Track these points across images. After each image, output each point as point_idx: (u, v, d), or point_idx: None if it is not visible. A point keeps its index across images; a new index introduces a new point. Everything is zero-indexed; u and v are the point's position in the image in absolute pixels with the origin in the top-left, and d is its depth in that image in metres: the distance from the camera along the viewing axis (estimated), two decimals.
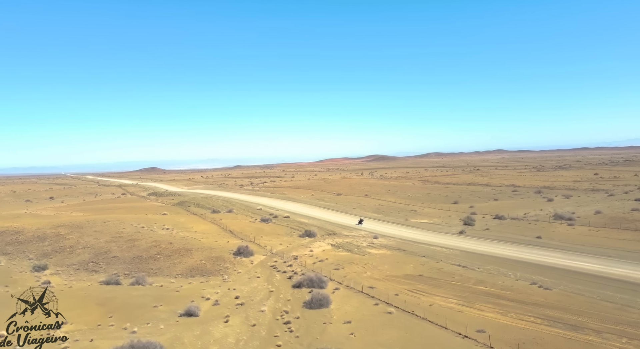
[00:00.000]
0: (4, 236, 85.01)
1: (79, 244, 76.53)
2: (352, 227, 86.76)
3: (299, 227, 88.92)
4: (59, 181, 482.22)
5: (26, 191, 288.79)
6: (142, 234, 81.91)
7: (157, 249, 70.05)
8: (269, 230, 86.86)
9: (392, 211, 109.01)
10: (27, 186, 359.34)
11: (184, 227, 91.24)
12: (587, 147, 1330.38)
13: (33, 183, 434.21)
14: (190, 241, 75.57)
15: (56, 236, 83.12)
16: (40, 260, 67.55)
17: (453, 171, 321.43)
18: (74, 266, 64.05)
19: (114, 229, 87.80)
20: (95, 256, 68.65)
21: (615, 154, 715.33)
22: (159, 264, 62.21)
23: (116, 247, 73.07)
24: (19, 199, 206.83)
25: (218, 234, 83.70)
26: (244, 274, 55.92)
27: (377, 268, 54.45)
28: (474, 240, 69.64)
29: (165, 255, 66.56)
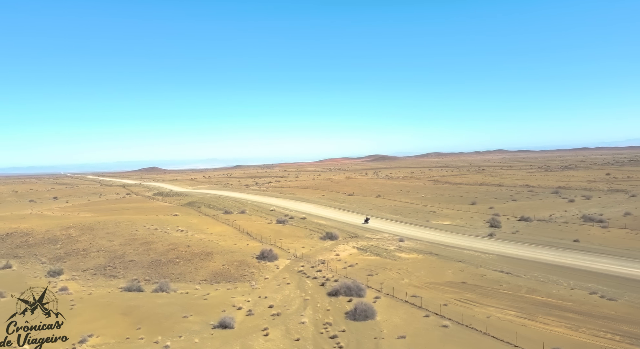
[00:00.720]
0: (13, 238, 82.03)
1: (92, 247, 73.59)
2: (376, 230, 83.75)
3: (318, 229, 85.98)
4: (60, 181, 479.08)
5: (28, 190, 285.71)
6: (157, 237, 78.97)
7: (175, 252, 67.09)
8: (288, 232, 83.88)
9: (410, 212, 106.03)
10: (28, 186, 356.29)
11: (198, 229, 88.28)
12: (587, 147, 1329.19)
13: (34, 183, 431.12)
14: (208, 244, 72.64)
15: (67, 238, 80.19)
16: (54, 264, 64.63)
17: (459, 171, 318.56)
18: (90, 270, 61.09)
19: (126, 231, 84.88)
20: (111, 259, 65.69)
21: (617, 154, 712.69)
22: (179, 269, 59.23)
23: (132, 250, 70.11)
24: (22, 199, 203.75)
25: (235, 237, 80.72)
26: (272, 280, 52.95)
27: (414, 274, 51.48)
28: (507, 243, 66.69)
29: (184, 259, 63.59)
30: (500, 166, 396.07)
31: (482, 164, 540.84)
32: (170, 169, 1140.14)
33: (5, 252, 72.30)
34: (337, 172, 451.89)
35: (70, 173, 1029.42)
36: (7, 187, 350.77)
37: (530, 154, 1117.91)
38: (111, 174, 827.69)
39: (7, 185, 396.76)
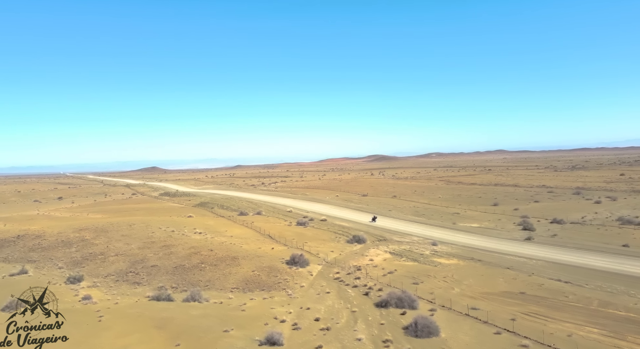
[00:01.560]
0: (25, 241, 78.54)
1: (109, 250, 70.11)
2: (403, 233, 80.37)
3: (342, 231, 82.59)
4: (62, 181, 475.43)
5: (31, 190, 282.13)
6: (176, 239, 75.57)
7: (198, 257, 63.65)
8: (312, 235, 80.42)
9: (433, 214, 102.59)
10: (30, 186, 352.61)
11: (217, 232, 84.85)
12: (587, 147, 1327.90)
13: (35, 183, 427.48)
14: (231, 248, 69.21)
15: (82, 241, 76.72)
16: (72, 269, 61.19)
17: (465, 171, 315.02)
18: (112, 276, 57.58)
19: (142, 234, 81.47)
20: (131, 264, 62.20)
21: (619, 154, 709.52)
22: (207, 275, 55.75)
23: (152, 254, 66.65)
24: (26, 200, 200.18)
25: (257, 240, 77.29)
26: (309, 289, 49.49)
27: (463, 283, 48.03)
28: (550, 248, 63.25)
29: (210, 264, 60.13)
30: (506, 166, 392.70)
31: (485, 164, 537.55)
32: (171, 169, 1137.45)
33: (18, 256, 68.78)
34: (341, 172, 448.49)
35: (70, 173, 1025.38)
36: (9, 187, 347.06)
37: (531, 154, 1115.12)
38: (112, 174, 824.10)
39: (8, 185, 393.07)
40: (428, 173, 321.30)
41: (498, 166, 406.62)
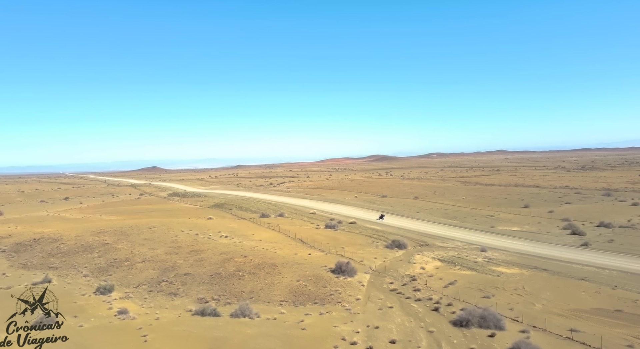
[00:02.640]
0: (42, 245, 73.80)
1: (135, 256, 65.38)
2: (443, 237, 75.72)
3: (377, 235, 77.96)
4: (64, 181, 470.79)
5: (34, 190, 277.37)
6: (203, 244, 70.97)
7: (233, 264, 58.96)
8: (346, 239, 75.74)
9: (465, 216, 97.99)
10: (33, 186, 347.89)
11: (243, 235, 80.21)
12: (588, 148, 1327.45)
13: (37, 183, 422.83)
14: (265, 253, 64.57)
15: (103, 246, 72.01)
16: (98, 277, 56.48)
17: (474, 171, 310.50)
18: (144, 286, 52.84)
19: (165, 237, 76.85)
20: (162, 272, 57.48)
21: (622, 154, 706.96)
22: (248, 285, 51.03)
23: (182, 260, 61.95)
24: (32, 200, 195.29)
25: (289, 244, 72.65)
26: (368, 302, 44.80)
27: (540, 297, 43.36)
28: (615, 256, 58.61)
29: (248, 272, 55.43)
30: (514, 167, 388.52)
31: (491, 164, 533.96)
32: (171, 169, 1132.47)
33: (38, 262, 63.99)
34: (347, 172, 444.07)
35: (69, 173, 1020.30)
36: (11, 186, 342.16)
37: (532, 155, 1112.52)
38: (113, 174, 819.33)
39: (10, 185, 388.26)
40: (436, 174, 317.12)
41: (506, 166, 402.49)
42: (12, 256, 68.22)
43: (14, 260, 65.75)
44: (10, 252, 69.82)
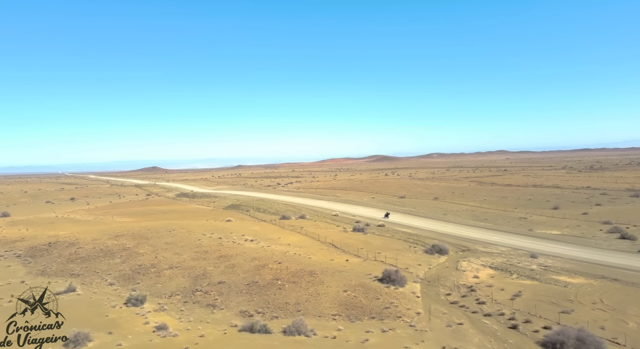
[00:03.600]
0: (59, 249, 69.50)
1: (160, 262, 61.12)
2: (482, 241, 71.59)
3: (412, 239, 73.80)
4: (66, 181, 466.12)
5: (37, 191, 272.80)
6: (229, 248, 66.79)
7: (268, 271, 54.76)
8: (380, 244, 71.55)
9: (496, 219, 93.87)
10: (35, 186, 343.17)
11: (269, 239, 76.01)
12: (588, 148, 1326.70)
13: (38, 183, 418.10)
14: (300, 259, 60.41)
15: (124, 250, 67.71)
16: (125, 286, 52.27)
17: (481, 172, 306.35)
18: (177, 296, 48.60)
19: (188, 241, 72.62)
20: (194, 280, 53.27)
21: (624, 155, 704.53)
22: (291, 296, 46.82)
23: (212, 267, 57.73)
24: (37, 201, 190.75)
25: (322, 249, 68.49)
26: (432, 318, 40.57)
27: (628, 313, 39.21)
28: None
29: (288, 281, 51.23)
30: (522, 167, 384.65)
31: (494, 164, 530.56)
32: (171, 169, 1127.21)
33: (57, 269, 59.68)
34: (352, 172, 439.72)
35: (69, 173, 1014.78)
36: (13, 187, 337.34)
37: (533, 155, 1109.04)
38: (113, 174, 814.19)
39: (11, 185, 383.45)
40: (444, 174, 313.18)
41: (512, 166, 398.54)
42: (29, 261, 63.94)
43: (31, 266, 61.48)
44: (26, 258, 65.52)
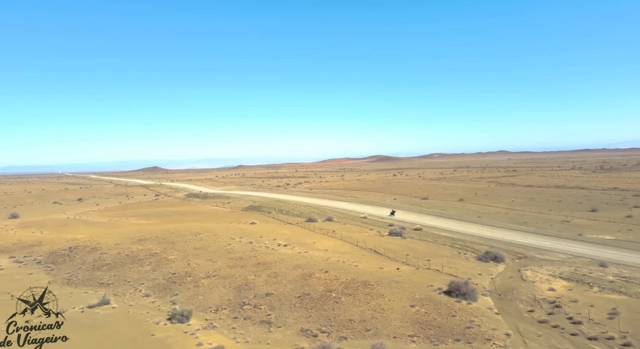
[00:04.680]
0: (81, 255, 64.55)
1: (194, 269, 56.20)
2: (536, 247, 66.77)
3: (460, 245, 68.99)
4: (69, 181, 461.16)
5: (41, 191, 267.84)
6: (265, 254, 61.94)
7: (317, 281, 49.88)
8: (425, 250, 66.65)
9: (536, 222, 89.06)
10: (38, 186, 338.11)
11: (303, 244, 71.16)
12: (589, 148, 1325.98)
13: (40, 183, 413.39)
14: (346, 268, 55.59)
15: (151, 256, 62.76)
16: (162, 297, 47.37)
17: (490, 172, 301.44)
18: (224, 310, 43.65)
19: (217, 246, 67.77)
20: (237, 292, 48.35)
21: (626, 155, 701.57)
22: (353, 312, 41.86)
23: (253, 276, 52.85)
24: (44, 201, 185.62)
25: (364, 256, 63.66)
26: (527, 341, 35.58)
27: None
28: None
29: (343, 293, 46.31)
30: (530, 167, 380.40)
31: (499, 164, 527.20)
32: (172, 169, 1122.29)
33: (84, 277, 54.69)
34: (359, 172, 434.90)
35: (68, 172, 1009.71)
36: (16, 187, 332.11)
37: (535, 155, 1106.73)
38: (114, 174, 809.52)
39: (14, 185, 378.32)
40: (453, 174, 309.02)
41: (521, 167, 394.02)
42: (51, 268, 58.96)
43: (54, 274, 56.50)
44: (48, 264, 60.53)
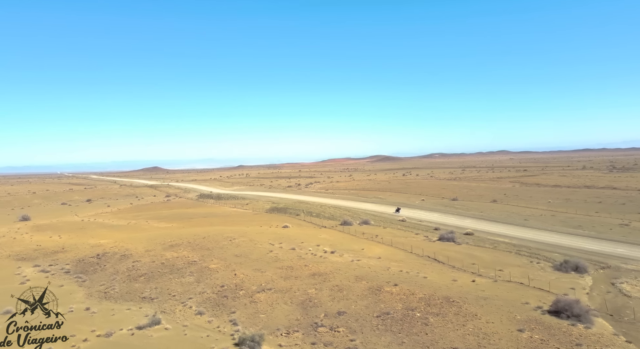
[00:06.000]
0: (111, 263, 58.30)
1: (243, 281, 50.09)
2: (614, 256, 60.67)
3: (527, 252, 62.92)
4: (72, 181, 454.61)
5: (46, 191, 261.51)
6: (317, 263, 56.01)
7: (390, 296, 43.85)
8: (489, 258, 60.53)
9: (593, 226, 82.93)
10: (41, 186, 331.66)
11: (350, 250, 65.09)
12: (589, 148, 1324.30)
13: (42, 183, 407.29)
14: (415, 280, 49.49)
15: (190, 264, 56.62)
16: (219, 316, 41.33)
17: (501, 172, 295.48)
18: (296, 333, 37.45)
19: (258, 253, 61.70)
20: (303, 310, 42.27)
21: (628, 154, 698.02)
22: (451, 337, 35.69)
23: (313, 290, 46.82)
24: (51, 202, 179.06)
25: (424, 265, 57.59)
26: None
27: None
28: None
29: (428, 312, 40.16)
30: (540, 167, 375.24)
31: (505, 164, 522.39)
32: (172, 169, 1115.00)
33: (122, 290, 48.42)
34: (367, 172, 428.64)
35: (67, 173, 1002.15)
36: (19, 187, 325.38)
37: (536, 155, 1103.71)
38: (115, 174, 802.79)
39: (16, 185, 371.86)
40: (463, 174, 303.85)
41: (530, 166, 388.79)
42: (82, 279, 52.73)
43: (88, 286, 50.26)
44: (78, 274, 54.28)
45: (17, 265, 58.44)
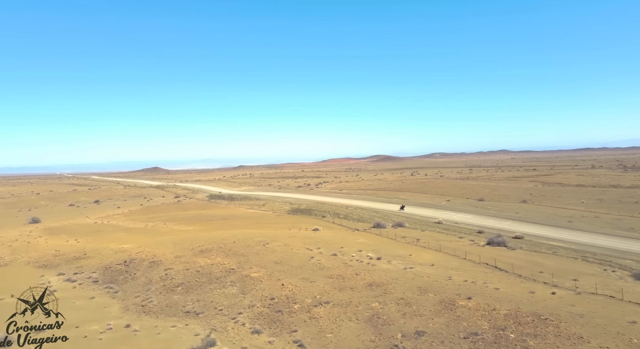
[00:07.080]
0: (141, 271, 53.12)
1: (294, 293, 44.80)
2: None
3: (592, 258, 57.78)
4: (73, 182, 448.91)
5: (49, 192, 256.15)
6: (368, 271, 50.96)
7: (467, 312, 38.61)
8: (555, 265, 55.29)
9: None
10: (44, 187, 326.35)
11: (396, 256, 59.94)
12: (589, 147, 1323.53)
13: (43, 184, 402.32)
14: (487, 292, 44.24)
15: (229, 273, 51.34)
16: (278, 335, 36.04)
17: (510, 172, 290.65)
18: None
19: (299, 260, 56.52)
20: (373, 327, 37.05)
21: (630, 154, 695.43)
22: None
23: (376, 303, 41.65)
24: (59, 204, 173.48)
25: (484, 272, 52.51)
26: None
27: None
28: None
29: (523, 334, 34.85)
30: (550, 166, 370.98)
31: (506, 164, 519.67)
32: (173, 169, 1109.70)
33: (161, 303, 43.01)
34: (375, 172, 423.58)
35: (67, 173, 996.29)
36: (21, 188, 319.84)
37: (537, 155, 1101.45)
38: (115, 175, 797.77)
39: (17, 186, 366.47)
40: (472, 173, 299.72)
41: (539, 166, 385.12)
42: (114, 289, 47.34)
43: (121, 298, 44.88)
44: (107, 284, 48.91)
45: (39, 273, 53.13)
